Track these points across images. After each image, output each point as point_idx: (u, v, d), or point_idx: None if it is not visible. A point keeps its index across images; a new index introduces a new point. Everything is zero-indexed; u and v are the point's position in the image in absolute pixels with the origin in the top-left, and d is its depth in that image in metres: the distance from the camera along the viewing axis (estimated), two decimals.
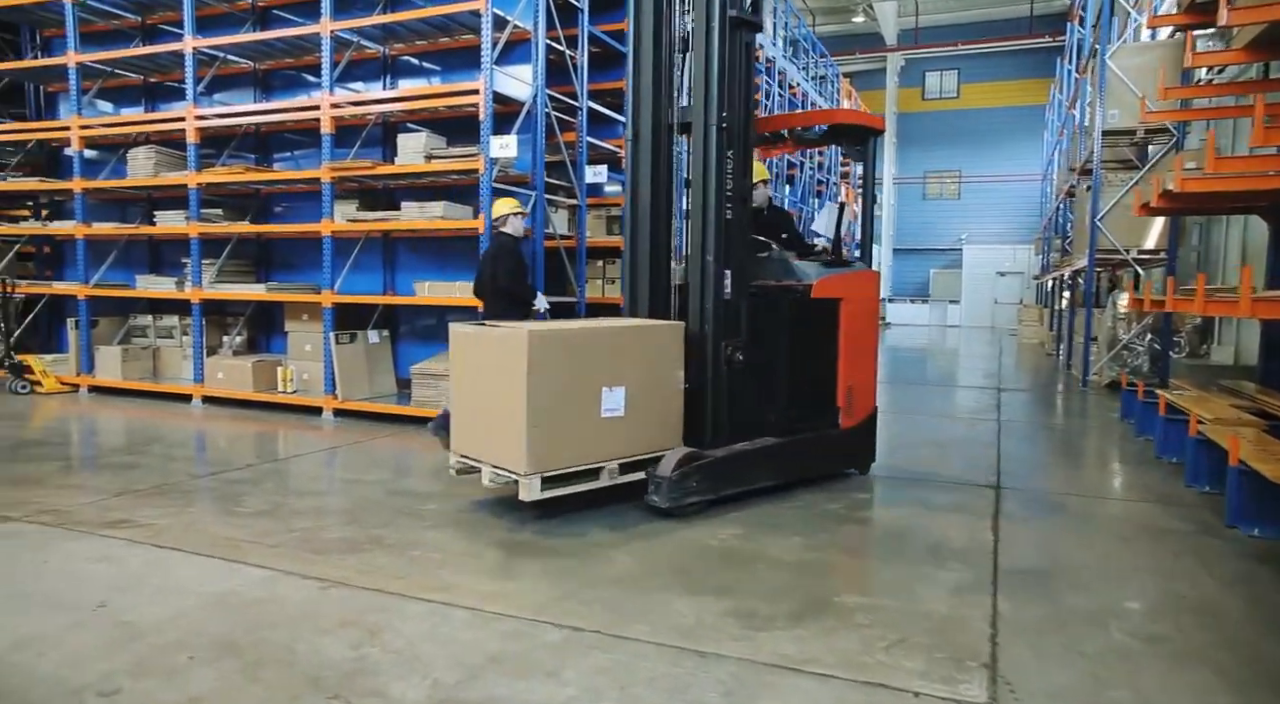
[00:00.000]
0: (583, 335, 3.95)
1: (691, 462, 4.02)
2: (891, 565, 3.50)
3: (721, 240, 4.22)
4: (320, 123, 6.69)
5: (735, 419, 4.35)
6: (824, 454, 4.74)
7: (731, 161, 4.24)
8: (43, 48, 9.07)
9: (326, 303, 6.77)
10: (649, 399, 4.08)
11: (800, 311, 4.58)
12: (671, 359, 4.18)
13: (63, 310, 8.97)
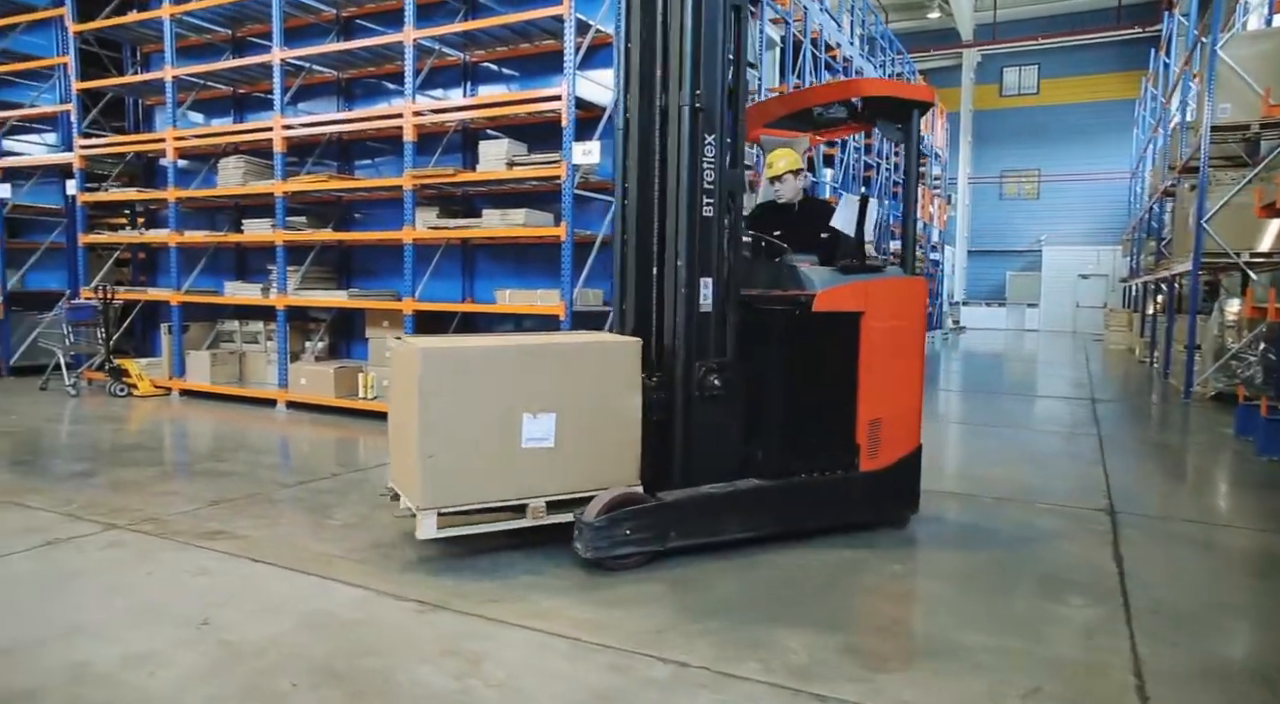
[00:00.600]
0: (495, 353, 3.46)
1: (625, 505, 3.38)
2: (1005, 599, 3.27)
3: (695, 241, 3.60)
4: (402, 130, 6.73)
5: (708, 456, 3.68)
6: (835, 503, 3.88)
7: (713, 148, 3.60)
8: (142, 63, 9.41)
9: (407, 310, 6.80)
10: (589, 429, 3.49)
11: (798, 328, 3.75)
12: (621, 382, 3.53)
13: (156, 315, 9.26)
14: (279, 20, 7.30)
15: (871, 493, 3.94)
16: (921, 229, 18.48)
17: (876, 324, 3.85)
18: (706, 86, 3.60)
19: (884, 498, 3.99)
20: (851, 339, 3.83)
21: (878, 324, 3.86)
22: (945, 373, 13.41)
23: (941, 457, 6.21)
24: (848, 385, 3.85)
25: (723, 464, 3.72)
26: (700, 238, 3.62)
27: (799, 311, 3.76)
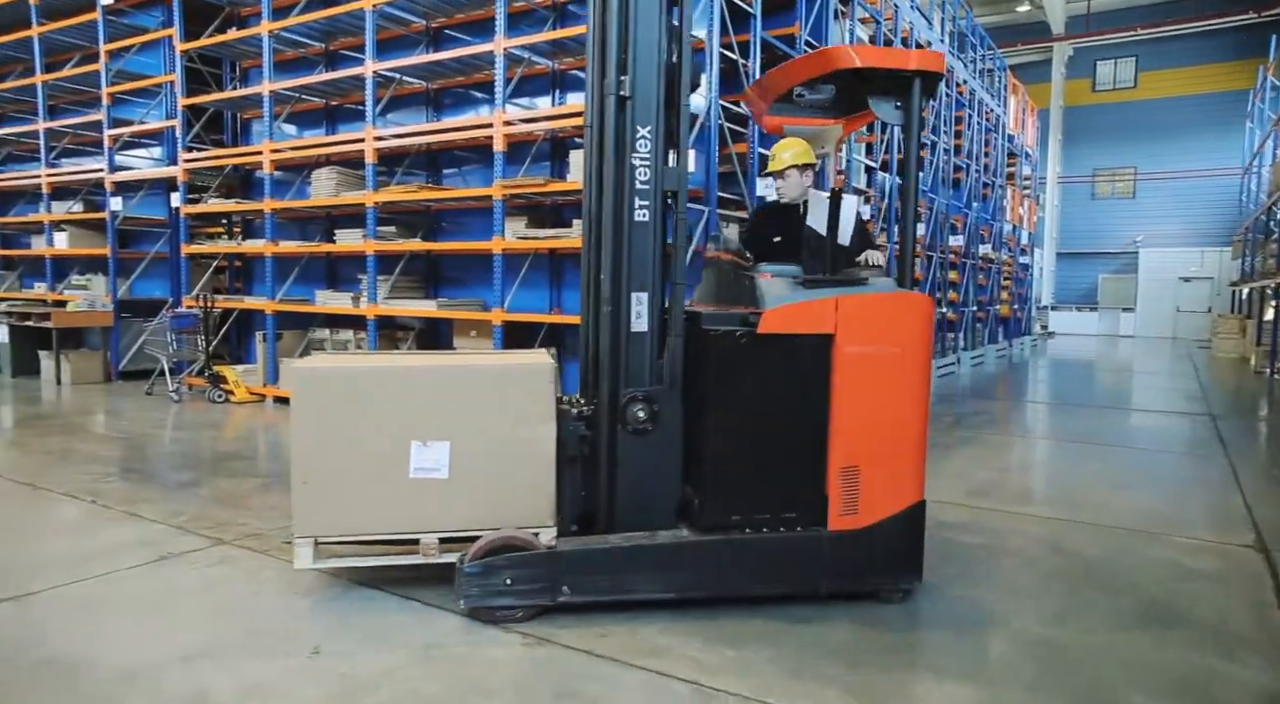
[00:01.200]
0: (381, 375, 3.17)
1: (506, 550, 3.03)
2: (1160, 651, 2.98)
3: (624, 251, 3.19)
4: (492, 140, 6.71)
5: (636, 500, 3.22)
6: (794, 566, 3.20)
7: (648, 142, 3.16)
8: (241, 78, 9.69)
9: (496, 321, 6.78)
10: (492, 461, 3.13)
11: (743, 353, 3.15)
12: (530, 410, 3.13)
13: (250, 322, 9.53)
14: (372, 33, 7.38)
15: (846, 556, 3.20)
16: (1011, 231, 17.75)
17: (853, 350, 3.16)
18: (639, 71, 3.15)
19: (864, 563, 3.22)
20: (818, 367, 3.16)
21: (855, 350, 3.16)
22: (1035, 382, 12.82)
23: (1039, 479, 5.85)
24: (812, 424, 3.18)
25: (654, 510, 3.24)
26: (632, 247, 3.20)
27: (742, 334, 3.16)
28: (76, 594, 3.28)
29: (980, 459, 6.55)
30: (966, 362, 13.14)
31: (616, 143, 3.18)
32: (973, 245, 14.29)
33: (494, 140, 6.69)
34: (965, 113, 13.85)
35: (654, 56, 3.19)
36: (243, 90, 9.04)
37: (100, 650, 2.77)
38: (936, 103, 12.07)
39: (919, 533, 3.30)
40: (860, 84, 3.47)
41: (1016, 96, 17.92)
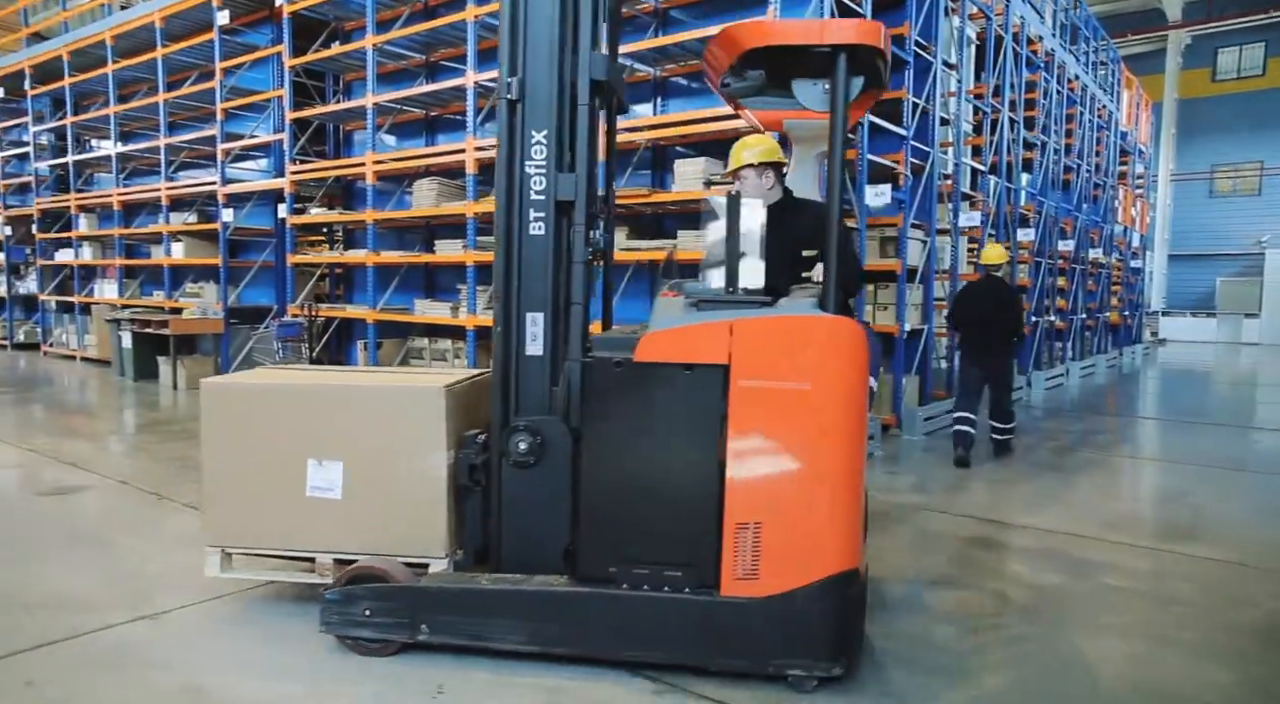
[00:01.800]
0: (280, 391, 3.18)
1: (367, 580, 2.87)
2: None
3: (514, 267, 2.95)
4: None
5: (520, 539, 2.94)
6: (681, 633, 2.71)
7: (544, 148, 2.89)
8: (344, 91, 9.93)
9: (595, 332, 6.68)
10: (385, 485, 3.01)
11: (620, 383, 2.76)
12: (423, 436, 2.98)
13: (351, 330, 9.74)
14: (473, 44, 7.41)
15: (745, 629, 2.65)
16: (1121, 233, 16.77)
17: (750, 383, 2.64)
18: (532, 71, 2.91)
19: (769, 640, 2.65)
20: (708, 403, 2.67)
21: (753, 383, 2.64)
22: (1154, 396, 12.03)
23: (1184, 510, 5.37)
24: (702, 470, 2.69)
25: (539, 552, 2.91)
26: (524, 262, 2.94)
27: (619, 362, 2.76)
28: (206, 613, 3.30)
29: (1109, 486, 6.12)
30: (1075, 373, 12.43)
31: (508, 149, 2.95)
32: (1082, 249, 13.52)
33: None
34: (1076, 110, 13.12)
35: (548, 54, 2.91)
36: (346, 103, 9.24)
37: (228, 678, 2.76)
38: (1048, 102, 11.45)
39: (846, 608, 2.67)
40: (792, 65, 2.96)
41: (1130, 90, 16.93)
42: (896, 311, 7.51)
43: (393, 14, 8.83)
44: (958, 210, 8.69)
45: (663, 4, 7.12)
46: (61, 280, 13.55)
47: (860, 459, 2.73)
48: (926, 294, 8.09)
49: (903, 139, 7.33)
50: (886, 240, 7.75)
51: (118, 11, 11.50)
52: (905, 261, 7.46)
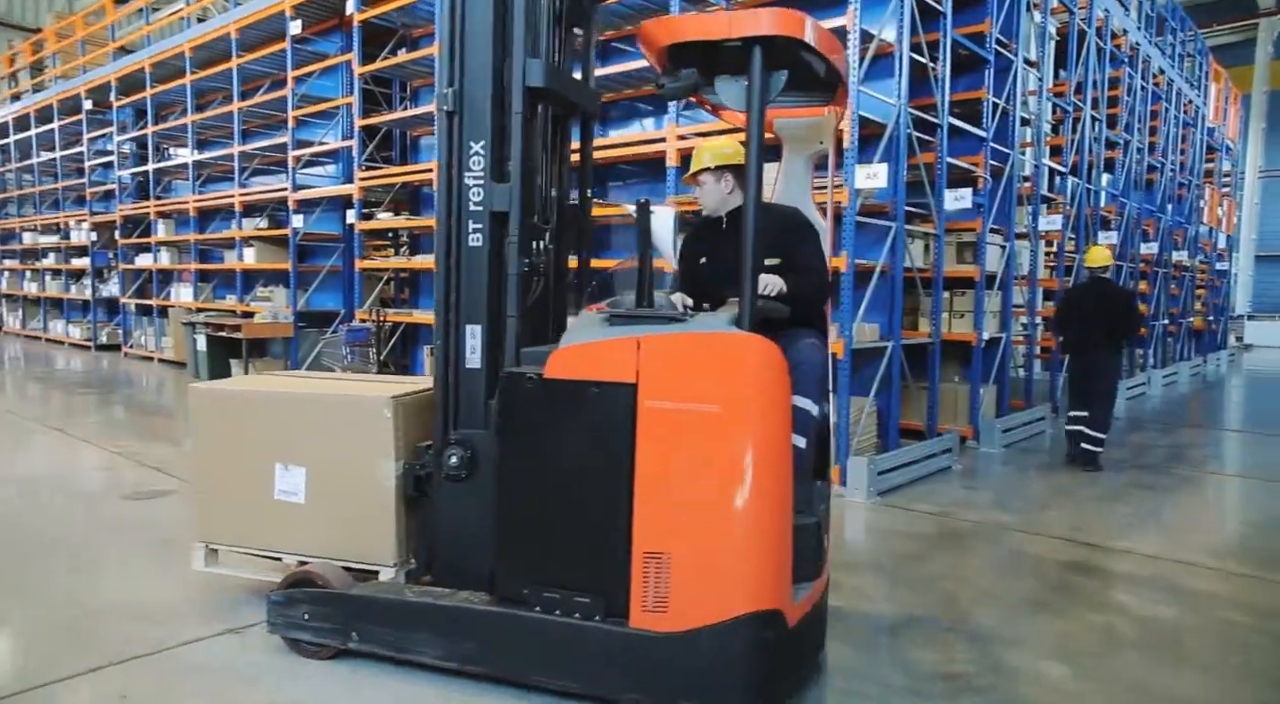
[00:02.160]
0: (252, 397, 3.37)
1: (306, 584, 2.96)
2: None
3: (452, 279, 2.93)
4: (665, 155, 6.51)
5: (453, 552, 2.91)
6: (590, 662, 2.57)
7: (482, 159, 2.85)
8: (411, 97, 10.02)
9: None
10: (342, 491, 3.09)
11: (532, 401, 2.68)
12: (372, 445, 3.04)
13: (416, 334, 9.82)
14: None
15: (655, 664, 2.48)
16: (1206, 234, 15.99)
17: (658, 404, 2.48)
18: (469, 82, 2.87)
19: (679, 677, 2.46)
20: (617, 424, 2.52)
21: (661, 404, 2.48)
22: (1246, 405, 11.40)
23: None
24: (611, 493, 2.53)
25: (469, 566, 2.86)
26: (463, 274, 2.92)
27: (530, 378, 2.68)
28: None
29: (1210, 507, 5.78)
30: (1158, 381, 11.87)
31: (448, 161, 2.92)
32: (1165, 252, 12.92)
33: (666, 155, 6.49)
34: (1161, 106, 12.55)
35: (484, 64, 2.85)
36: (414, 110, 9.31)
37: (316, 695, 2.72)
38: (1131, 100, 10.95)
39: (754, 653, 2.43)
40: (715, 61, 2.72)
41: (1218, 83, 16.13)
42: (974, 319, 7.23)
43: None
44: (1037, 213, 8.35)
45: (732, 6, 6.97)
46: (141, 284, 14.01)
47: (780, 492, 2.47)
48: (1005, 301, 7.78)
49: (982, 141, 7.06)
50: (964, 245, 7.48)
51: (195, 24, 11.82)
52: (984, 267, 7.18)
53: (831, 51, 2.67)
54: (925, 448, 6.27)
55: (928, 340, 6.72)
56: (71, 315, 16.22)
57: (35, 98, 16.63)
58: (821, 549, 2.79)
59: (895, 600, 3.78)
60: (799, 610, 2.61)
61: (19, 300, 18.05)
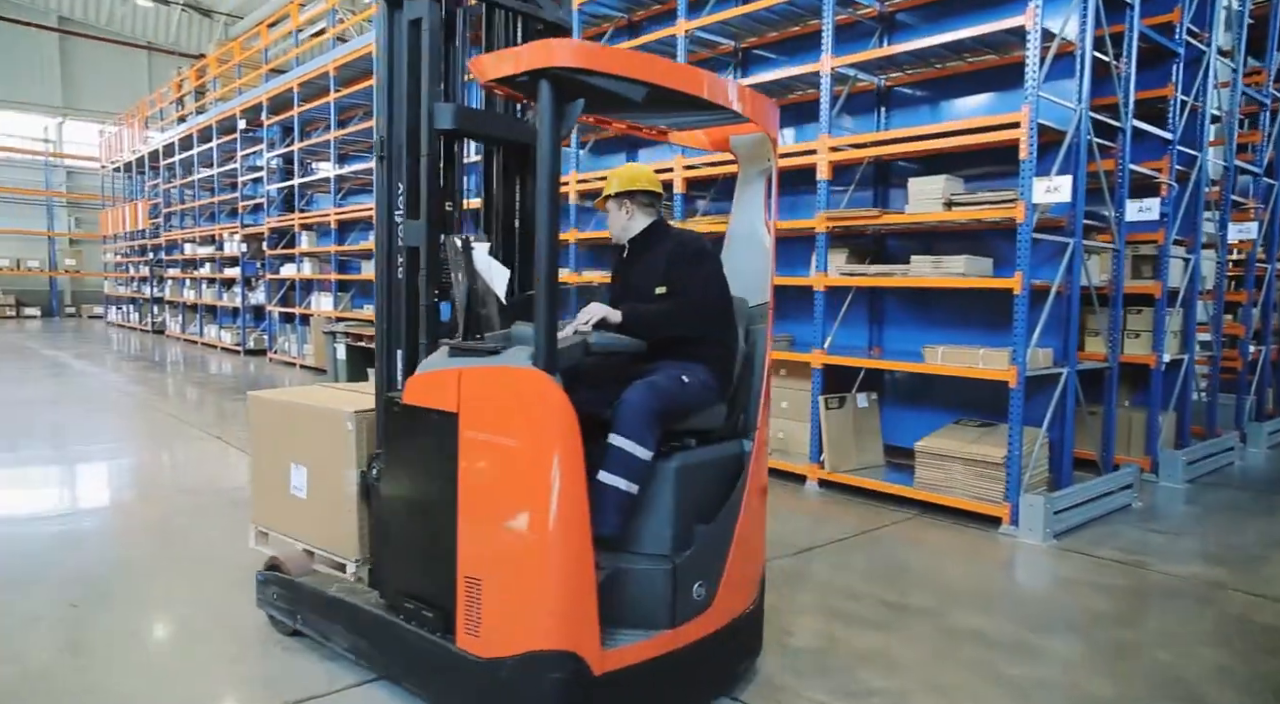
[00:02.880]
0: (275, 404, 3.84)
1: (277, 570, 3.42)
2: None
3: (387, 309, 3.20)
4: (816, 167, 6.19)
5: (378, 555, 3.14)
6: (435, 674, 2.70)
7: (404, 195, 3.11)
8: None
9: (816, 363, 6.25)
10: (325, 491, 3.48)
11: (395, 423, 2.97)
12: (337, 451, 3.37)
13: None
14: (682, 60, 7.18)
15: (477, 686, 2.56)
16: None
17: (472, 434, 2.59)
18: (395, 128, 3.13)
19: (486, 701, 2.53)
20: (446, 450, 2.63)
21: (474, 435, 2.58)
22: None
23: None
24: (442, 515, 2.65)
25: (391, 572, 3.03)
26: (393, 304, 3.18)
27: (393, 401, 2.93)
28: None
29: None
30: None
31: (385, 201, 3.19)
32: None
33: (818, 167, 6.17)
34: None
35: (405, 111, 3.09)
36: None
37: None
38: None
39: (548, 691, 2.42)
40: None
41: None
42: (1153, 339, 6.56)
43: (597, 30, 8.81)
44: (1226, 221, 7.52)
45: (888, 8, 6.58)
46: (284, 292, 14.74)
47: (572, 532, 2.43)
48: (1188, 319, 7.04)
49: (1167, 143, 6.39)
50: (1141, 259, 6.79)
51: (338, 45, 12.30)
52: (1166, 283, 6.50)
53: (668, 78, 2.56)
54: (1104, 483, 5.71)
55: (1103, 364, 6.13)
56: (224, 321, 17.29)
57: (197, 119, 17.83)
58: (675, 598, 2.69)
59: (1111, 675, 3.35)
60: (621, 658, 2.54)
61: (179, 306, 19.40)
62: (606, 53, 2.52)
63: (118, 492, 6.10)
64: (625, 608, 2.64)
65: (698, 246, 3.09)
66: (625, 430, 2.69)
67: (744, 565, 2.97)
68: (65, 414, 9.09)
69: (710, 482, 2.91)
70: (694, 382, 2.90)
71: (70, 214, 27.87)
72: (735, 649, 3.00)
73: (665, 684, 2.71)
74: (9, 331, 20.93)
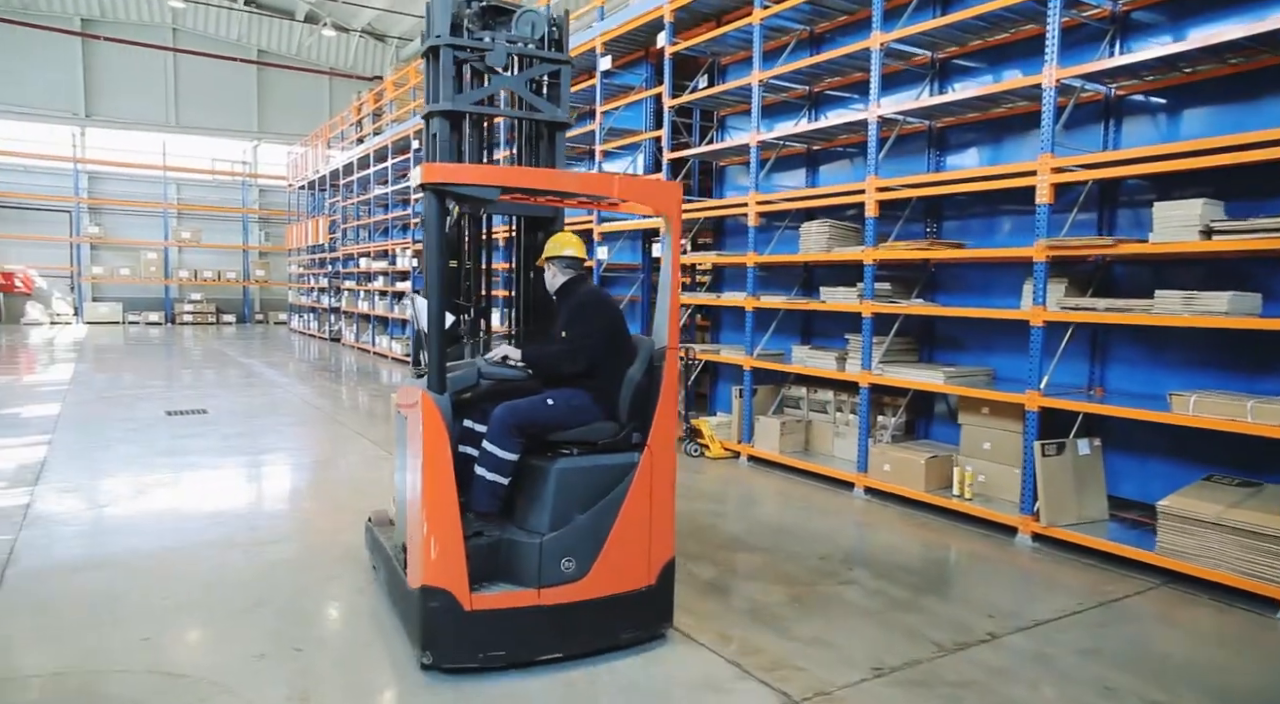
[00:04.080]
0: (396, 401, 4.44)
1: (369, 520, 4.90)
2: None
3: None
4: (1035, 189, 5.59)
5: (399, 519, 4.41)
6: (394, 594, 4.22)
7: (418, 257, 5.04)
8: (718, 127, 9.83)
9: (1031, 406, 5.65)
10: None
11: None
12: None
13: (715, 369, 9.59)
14: (877, 72, 6.73)
15: (411, 605, 3.78)
16: None
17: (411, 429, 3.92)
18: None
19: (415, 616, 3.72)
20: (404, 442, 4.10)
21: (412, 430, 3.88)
22: None
23: None
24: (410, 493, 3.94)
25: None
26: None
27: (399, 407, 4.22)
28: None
29: None
30: None
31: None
32: None
33: (1037, 190, 5.57)
34: None
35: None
36: (728, 141, 9.07)
37: None
38: None
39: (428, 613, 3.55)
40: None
41: None
42: None
43: (778, 43, 8.48)
44: None
45: (1121, 7, 5.87)
46: None
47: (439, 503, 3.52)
48: None
49: None
50: None
51: None
52: None
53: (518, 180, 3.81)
54: None
55: None
56: (394, 332, 18.18)
57: (373, 141, 18.88)
58: (541, 566, 3.62)
59: None
60: (489, 602, 3.54)
61: (354, 317, 20.63)
62: (461, 169, 3.78)
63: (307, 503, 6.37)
64: (502, 567, 3.67)
65: (592, 302, 3.99)
66: (490, 437, 3.71)
67: (626, 553, 3.76)
68: (266, 424, 9.70)
69: (593, 483, 3.73)
70: (560, 404, 3.79)
71: (261, 228, 30.34)
72: (619, 619, 3.78)
73: (532, 631, 3.60)
74: (211, 337, 22.98)
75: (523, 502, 3.80)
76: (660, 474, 3.81)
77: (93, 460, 7.48)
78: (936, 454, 6.57)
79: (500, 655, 3.54)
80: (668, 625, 3.98)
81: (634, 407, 3.85)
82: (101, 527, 5.67)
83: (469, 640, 3.50)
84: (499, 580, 3.62)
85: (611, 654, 3.76)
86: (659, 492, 3.81)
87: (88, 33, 26.33)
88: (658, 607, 3.89)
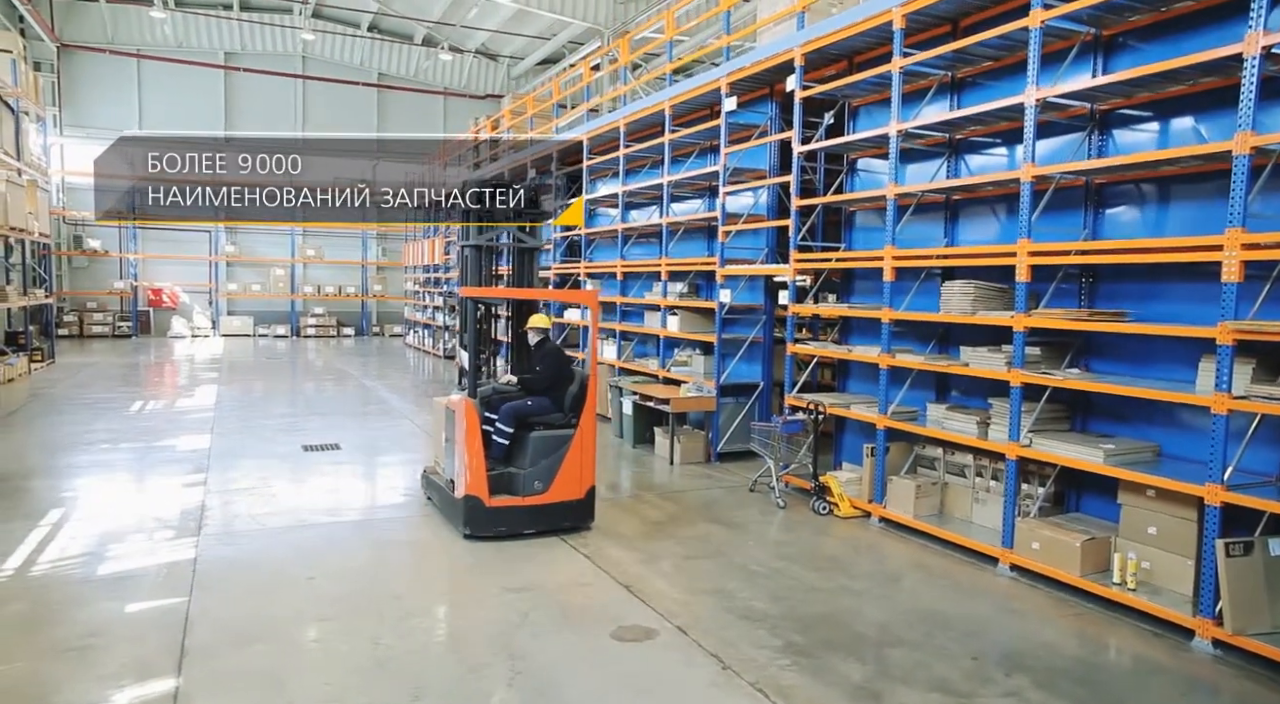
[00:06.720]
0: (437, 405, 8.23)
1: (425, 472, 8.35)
2: None
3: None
4: (1223, 267, 5.14)
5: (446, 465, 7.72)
6: (445, 505, 7.51)
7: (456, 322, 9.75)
8: (848, 170, 9.56)
9: (1212, 500, 5.20)
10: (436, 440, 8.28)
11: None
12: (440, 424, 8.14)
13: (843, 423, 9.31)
14: (1032, 127, 6.36)
15: (458, 507, 7.10)
16: None
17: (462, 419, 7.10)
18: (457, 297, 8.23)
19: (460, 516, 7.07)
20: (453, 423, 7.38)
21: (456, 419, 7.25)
22: None
23: None
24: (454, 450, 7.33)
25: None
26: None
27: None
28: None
29: None
30: None
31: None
32: None
33: (1223, 268, 5.13)
34: None
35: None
36: (863, 192, 8.81)
37: None
38: None
39: (467, 510, 6.94)
40: None
41: None
42: None
43: (914, 87, 8.16)
44: None
45: None
46: (565, 335, 15.44)
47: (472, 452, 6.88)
48: None
49: None
50: None
51: (632, 100, 12.62)
52: None
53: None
54: None
55: None
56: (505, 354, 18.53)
57: (493, 166, 19.35)
58: (525, 485, 7.02)
59: None
60: (499, 502, 6.92)
61: None
62: (483, 290, 7.83)
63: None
64: (506, 486, 7.02)
65: (552, 352, 7.46)
66: (499, 421, 7.06)
67: (567, 480, 7.06)
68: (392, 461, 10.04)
69: (551, 444, 7.07)
70: (535, 405, 7.19)
71: (379, 244, 31.66)
72: (565, 515, 7.15)
73: (520, 518, 6.96)
74: (333, 352, 24.11)
75: (516, 453, 7.11)
76: (585, 440, 7.11)
77: (250, 504, 7.92)
78: (1093, 535, 6.14)
79: (504, 530, 6.91)
80: (590, 522, 7.27)
81: (573, 406, 7.22)
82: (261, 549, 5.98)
83: (488, 522, 6.87)
84: (503, 492, 6.98)
85: (560, 533, 7.11)
86: (585, 450, 7.11)
87: (229, 65, 28.15)
88: (585, 510, 7.20)
